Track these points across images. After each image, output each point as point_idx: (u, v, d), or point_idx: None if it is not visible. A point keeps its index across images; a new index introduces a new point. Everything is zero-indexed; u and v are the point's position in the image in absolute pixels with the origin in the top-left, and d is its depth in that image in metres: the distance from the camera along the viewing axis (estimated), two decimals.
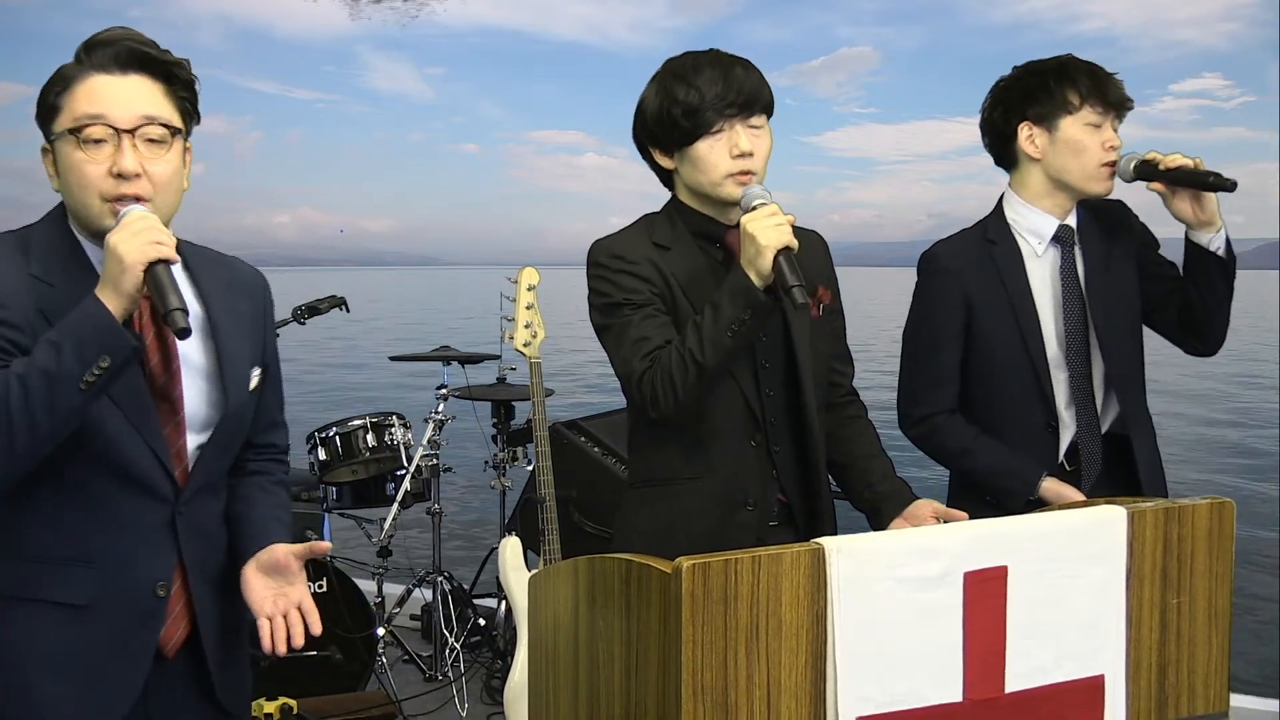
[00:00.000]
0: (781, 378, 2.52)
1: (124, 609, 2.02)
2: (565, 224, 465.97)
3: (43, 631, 1.97)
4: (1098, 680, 2.02)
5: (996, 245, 2.98)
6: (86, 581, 1.99)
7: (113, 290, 1.86)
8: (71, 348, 1.83)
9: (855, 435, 2.64)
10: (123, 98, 1.99)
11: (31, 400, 1.81)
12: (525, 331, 4.08)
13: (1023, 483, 2.90)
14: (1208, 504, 2.12)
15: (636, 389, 2.38)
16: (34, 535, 1.98)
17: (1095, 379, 2.96)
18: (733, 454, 2.49)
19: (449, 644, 5.19)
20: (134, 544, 2.02)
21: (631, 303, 2.42)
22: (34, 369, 1.82)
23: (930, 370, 3.04)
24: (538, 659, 2.16)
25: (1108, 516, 2.03)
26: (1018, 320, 2.93)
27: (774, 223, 2.24)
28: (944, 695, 1.89)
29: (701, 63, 2.43)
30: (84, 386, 1.82)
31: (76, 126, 1.96)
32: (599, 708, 1.95)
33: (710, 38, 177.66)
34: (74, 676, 1.98)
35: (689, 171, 2.47)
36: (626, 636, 1.87)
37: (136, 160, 1.96)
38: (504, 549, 4.31)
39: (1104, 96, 2.89)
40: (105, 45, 2.02)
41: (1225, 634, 2.14)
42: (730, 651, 1.77)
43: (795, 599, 1.81)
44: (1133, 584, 2.04)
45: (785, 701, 1.81)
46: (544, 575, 2.15)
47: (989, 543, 1.93)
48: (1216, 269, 2.85)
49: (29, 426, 1.82)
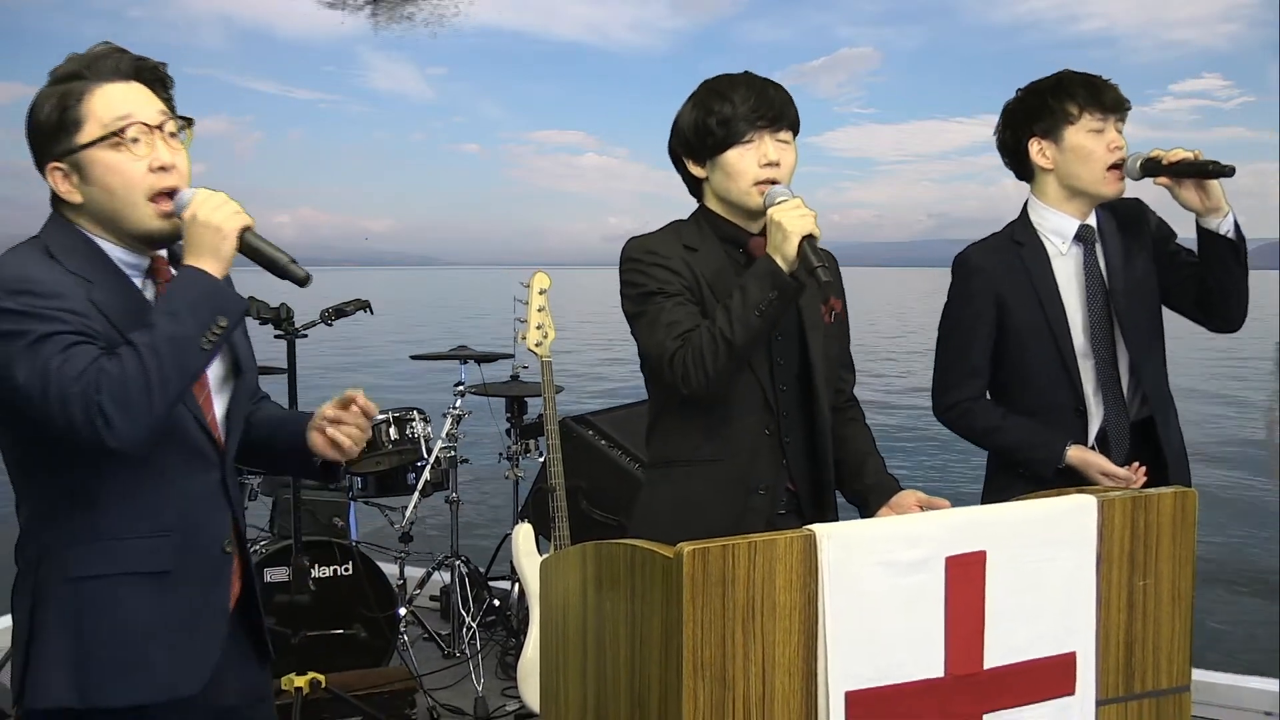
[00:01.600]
0: (795, 374, 2.55)
1: (200, 570, 2.06)
2: (565, 224, 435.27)
3: (140, 600, 1.99)
4: (1070, 657, 2.02)
5: (1024, 246, 3.01)
6: (166, 549, 2.02)
7: (212, 257, 1.92)
8: (190, 313, 1.88)
9: (853, 435, 2.66)
10: (140, 99, 2.01)
11: (165, 365, 1.84)
12: (537, 332, 4.08)
13: (1049, 452, 2.92)
14: (1172, 493, 2.12)
15: (669, 367, 2.40)
16: (114, 515, 1.99)
17: (1121, 366, 2.99)
18: (748, 441, 2.51)
19: (466, 623, 5.19)
20: (198, 509, 2.06)
21: (664, 291, 2.46)
22: (160, 337, 1.85)
23: (964, 361, 3.07)
24: (549, 637, 2.15)
25: (1080, 505, 2.03)
26: (1045, 314, 2.96)
27: (799, 213, 2.31)
28: (927, 671, 1.89)
29: (737, 82, 2.49)
30: (206, 346, 1.89)
31: (114, 130, 1.97)
32: (605, 682, 1.95)
33: (711, 38, 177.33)
34: (174, 640, 2.02)
35: (719, 178, 2.51)
36: (631, 616, 1.87)
37: (169, 152, 2.00)
38: (517, 535, 4.31)
39: (1101, 103, 2.91)
40: (103, 59, 2.02)
41: (1187, 614, 2.14)
42: (728, 631, 1.77)
43: (789, 582, 1.81)
44: (1102, 568, 2.04)
45: (779, 677, 1.82)
46: (554, 559, 2.15)
47: (969, 529, 1.93)
48: (1228, 251, 2.88)
49: (165, 390, 1.85)
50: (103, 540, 1.99)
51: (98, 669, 1.96)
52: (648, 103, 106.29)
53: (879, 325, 19.57)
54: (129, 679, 1.97)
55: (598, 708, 1.98)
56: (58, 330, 1.87)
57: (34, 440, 1.96)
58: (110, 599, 1.98)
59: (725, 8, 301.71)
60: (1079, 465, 2.88)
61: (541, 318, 4.07)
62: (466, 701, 4.63)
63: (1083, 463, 2.88)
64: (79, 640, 1.97)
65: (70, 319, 1.89)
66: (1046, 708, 2.00)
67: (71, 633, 1.97)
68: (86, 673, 1.96)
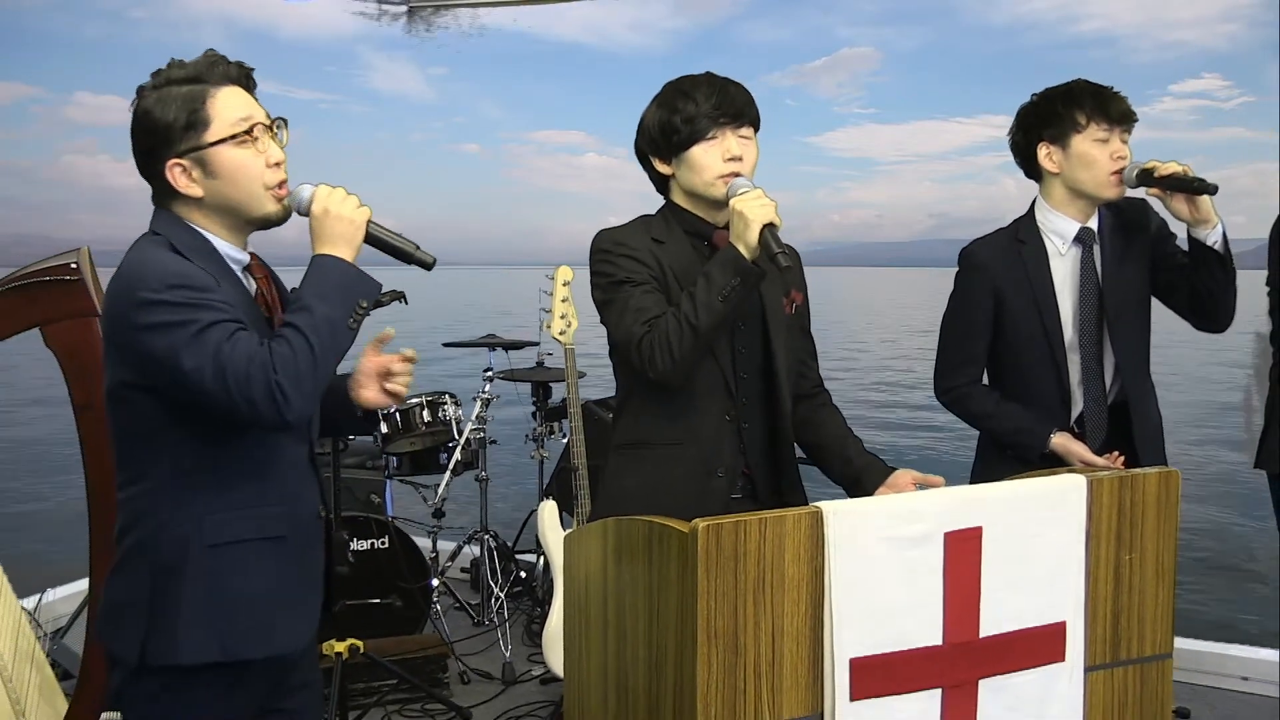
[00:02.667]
0: (757, 363, 2.54)
1: (304, 534, 2.13)
2: (566, 224, 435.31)
3: (265, 564, 2.06)
4: (1060, 626, 2.03)
5: (1026, 245, 3.04)
6: (280, 516, 2.08)
7: (346, 246, 1.99)
8: (337, 297, 1.95)
9: (826, 419, 2.66)
10: (252, 103, 2.08)
11: (324, 344, 1.92)
12: (561, 321, 4.10)
13: (1035, 439, 2.96)
14: (1157, 474, 2.13)
15: (636, 352, 2.39)
16: (230, 489, 2.05)
17: (1105, 360, 3.02)
18: (710, 426, 2.50)
19: (494, 593, 5.21)
20: (297, 479, 2.13)
21: (632, 280, 2.46)
22: (319, 319, 1.93)
23: (962, 349, 3.11)
24: (572, 607, 2.17)
25: (1070, 484, 2.04)
26: (1039, 309, 3.00)
27: (760, 203, 2.30)
28: (926, 639, 1.91)
29: (699, 82, 2.49)
30: (351, 326, 1.97)
31: (241, 129, 2.03)
32: (625, 649, 1.97)
33: (711, 38, 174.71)
34: (291, 599, 2.10)
35: (685, 174, 2.50)
36: (649, 587, 1.89)
37: (278, 150, 2.08)
38: (542, 511, 4.34)
39: (1107, 114, 2.92)
40: (216, 65, 2.07)
41: (1170, 586, 2.15)
42: (740, 601, 1.79)
43: (797, 556, 1.82)
44: (1091, 543, 2.06)
45: (788, 645, 1.83)
46: (577, 534, 2.17)
47: (966, 507, 1.94)
48: (1215, 261, 2.90)
49: (326, 367, 1.94)
50: (236, 510, 2.05)
51: (234, 626, 2.03)
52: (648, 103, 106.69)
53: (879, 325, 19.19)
54: (261, 633, 2.05)
55: (618, 672, 2.00)
56: (220, 319, 1.93)
57: (179, 422, 2.00)
58: (243, 563, 2.05)
59: (726, 8, 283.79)
60: (1061, 452, 2.92)
61: (565, 308, 4.09)
62: (495, 666, 4.65)
63: (1065, 450, 2.92)
64: (219, 601, 2.03)
65: (226, 308, 1.95)
66: (1038, 673, 2.01)
67: (211, 595, 2.02)
68: (227, 630, 2.02)
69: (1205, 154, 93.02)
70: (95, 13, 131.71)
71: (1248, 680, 4.39)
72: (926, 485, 2.40)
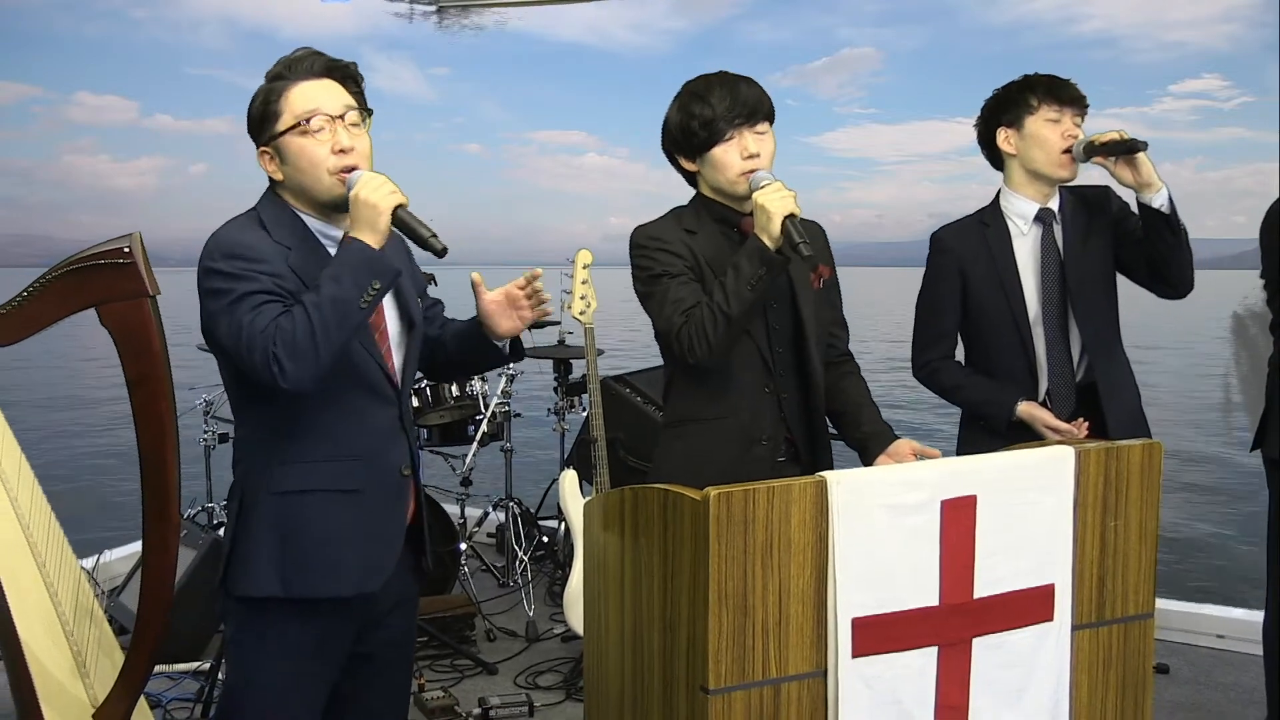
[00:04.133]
0: (789, 337, 2.55)
1: (383, 489, 2.17)
2: (566, 224, 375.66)
3: (335, 513, 2.11)
4: (1049, 588, 2.03)
5: (989, 227, 3.05)
6: (357, 472, 2.13)
7: (369, 230, 2.01)
8: (350, 278, 1.97)
9: (849, 388, 2.66)
10: (327, 95, 2.11)
11: (328, 321, 1.95)
12: (580, 302, 4.09)
13: (1001, 408, 2.97)
14: (1141, 445, 2.12)
15: (675, 340, 2.43)
16: (309, 443, 2.11)
17: (1071, 337, 3.00)
18: (749, 399, 2.52)
19: (519, 557, 5.22)
20: (381, 439, 2.17)
21: (669, 273, 2.47)
22: (325, 298, 1.96)
23: (933, 327, 3.12)
24: (591, 569, 2.18)
25: (1059, 455, 2.04)
26: (1003, 287, 3.00)
27: (780, 195, 2.32)
28: (924, 600, 1.91)
29: (713, 83, 2.49)
30: (363, 305, 1.98)
31: (301, 120, 2.08)
32: (641, 609, 1.97)
33: (712, 39, 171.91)
34: (362, 546, 2.13)
35: (709, 172, 2.51)
36: (663, 552, 1.89)
37: (349, 138, 2.10)
38: (563, 480, 4.34)
39: (1058, 97, 2.93)
40: (300, 61, 2.14)
41: (1152, 550, 2.15)
42: (749, 565, 1.79)
43: (802, 522, 1.82)
44: (1079, 510, 2.05)
45: (794, 606, 1.83)
46: (596, 502, 2.17)
47: (962, 476, 1.94)
48: (1162, 223, 2.88)
49: (328, 341, 1.96)
50: (301, 463, 2.11)
51: (297, 567, 2.10)
52: (649, 103, 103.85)
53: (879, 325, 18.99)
54: (323, 575, 2.10)
55: (634, 630, 2.00)
56: (254, 290, 2.01)
57: (247, 379, 2.07)
58: (306, 511, 2.11)
59: (726, 9, 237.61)
60: (1027, 419, 2.92)
61: (585, 289, 4.08)
62: (519, 625, 4.67)
63: (1030, 417, 2.92)
64: (282, 543, 2.10)
65: (265, 280, 2.02)
66: (1028, 632, 2.01)
67: (277, 536, 2.10)
68: (287, 569, 2.10)
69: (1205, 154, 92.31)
70: (96, 12, 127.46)
71: (1223, 638, 4.40)
72: (925, 456, 2.40)
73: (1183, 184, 5.36)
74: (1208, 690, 3.99)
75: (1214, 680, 4.08)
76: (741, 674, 1.80)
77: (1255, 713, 3.60)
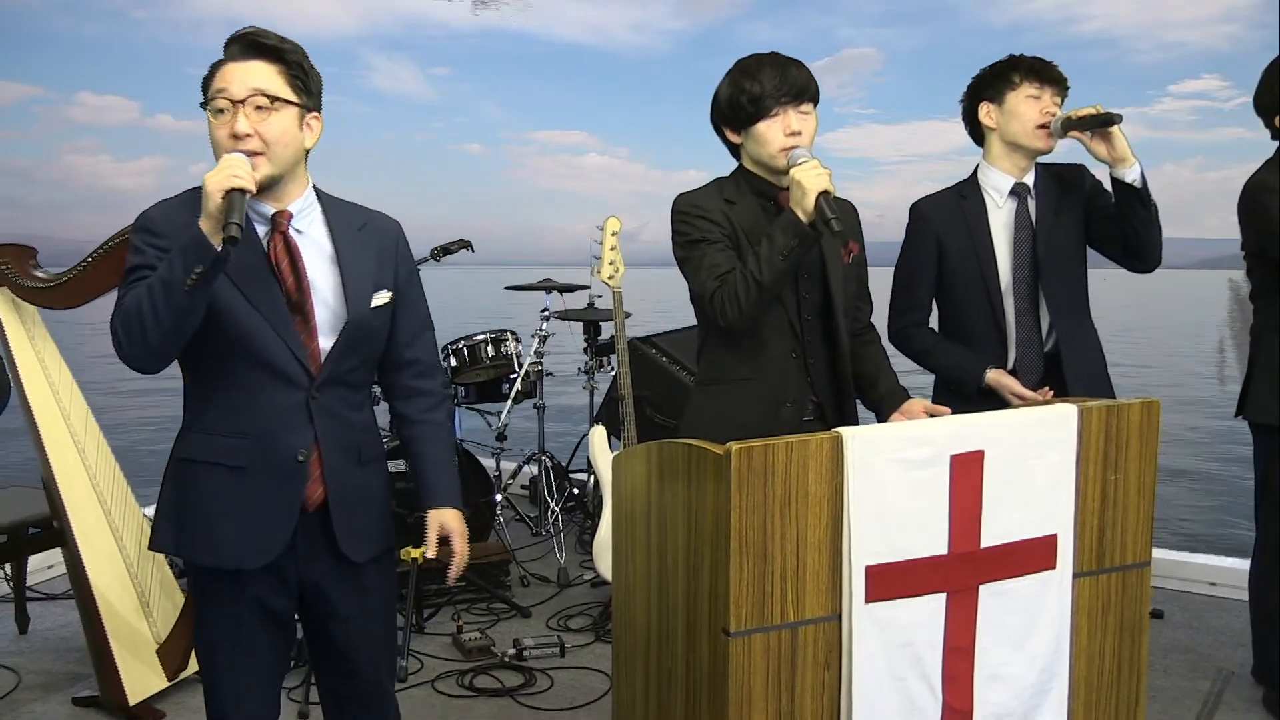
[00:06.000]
0: (818, 307, 2.54)
1: (273, 470, 2.05)
2: (567, 224, 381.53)
3: (218, 486, 2.03)
4: (1052, 538, 2.02)
5: (966, 200, 3.02)
6: (244, 450, 2.03)
7: (204, 213, 1.87)
8: (179, 260, 1.86)
9: (869, 355, 2.65)
10: (240, 77, 1.98)
11: (156, 302, 1.87)
12: (609, 267, 4.08)
13: (970, 375, 2.94)
14: (1140, 403, 2.11)
15: (709, 303, 2.42)
16: (208, 415, 2.05)
17: (1040, 306, 2.97)
18: (778, 363, 2.51)
19: (551, 507, 5.23)
20: (278, 422, 2.05)
21: (707, 239, 2.47)
22: (156, 279, 1.88)
23: (909, 294, 3.09)
24: (619, 520, 2.17)
25: (1063, 412, 2.03)
26: (977, 256, 2.97)
27: (816, 173, 2.31)
28: (933, 549, 1.90)
29: (764, 62, 2.47)
30: (188, 287, 1.85)
31: (208, 100, 2.00)
32: (666, 557, 1.97)
33: (712, 39, 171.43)
34: (240, 521, 2.03)
35: (752, 145, 2.50)
36: (687, 503, 1.88)
37: (247, 123, 1.96)
38: (593, 435, 4.34)
39: (1039, 75, 2.91)
40: (235, 42, 2.03)
41: (1150, 503, 2.14)
42: (768, 515, 1.78)
43: (819, 475, 1.81)
44: (1081, 465, 2.04)
45: (810, 554, 1.82)
46: (624, 456, 2.16)
47: (970, 432, 1.92)
48: (1134, 197, 2.85)
49: (156, 323, 1.87)
50: (198, 434, 2.06)
51: (186, 532, 2.06)
52: (649, 103, 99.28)
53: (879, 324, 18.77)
54: (205, 545, 2.04)
55: (660, 577, 2.00)
56: (139, 264, 1.95)
57: None
58: (196, 480, 2.05)
59: (727, 9, 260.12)
60: (995, 387, 2.90)
61: (614, 255, 4.06)
62: (551, 571, 4.68)
63: (998, 385, 2.90)
64: (177, 508, 2.07)
65: (156, 257, 1.94)
66: (1032, 580, 2.00)
67: (175, 501, 2.07)
68: (179, 533, 2.07)
69: (1205, 154, 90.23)
70: (97, 13, 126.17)
71: (1214, 585, 4.40)
72: (936, 414, 2.39)
73: (1183, 184, 5.13)
74: (1199, 634, 3.97)
75: (1205, 624, 4.07)
76: (761, 618, 1.79)
77: (1243, 654, 3.58)
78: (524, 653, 3.75)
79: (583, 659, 3.79)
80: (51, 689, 3.59)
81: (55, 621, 4.18)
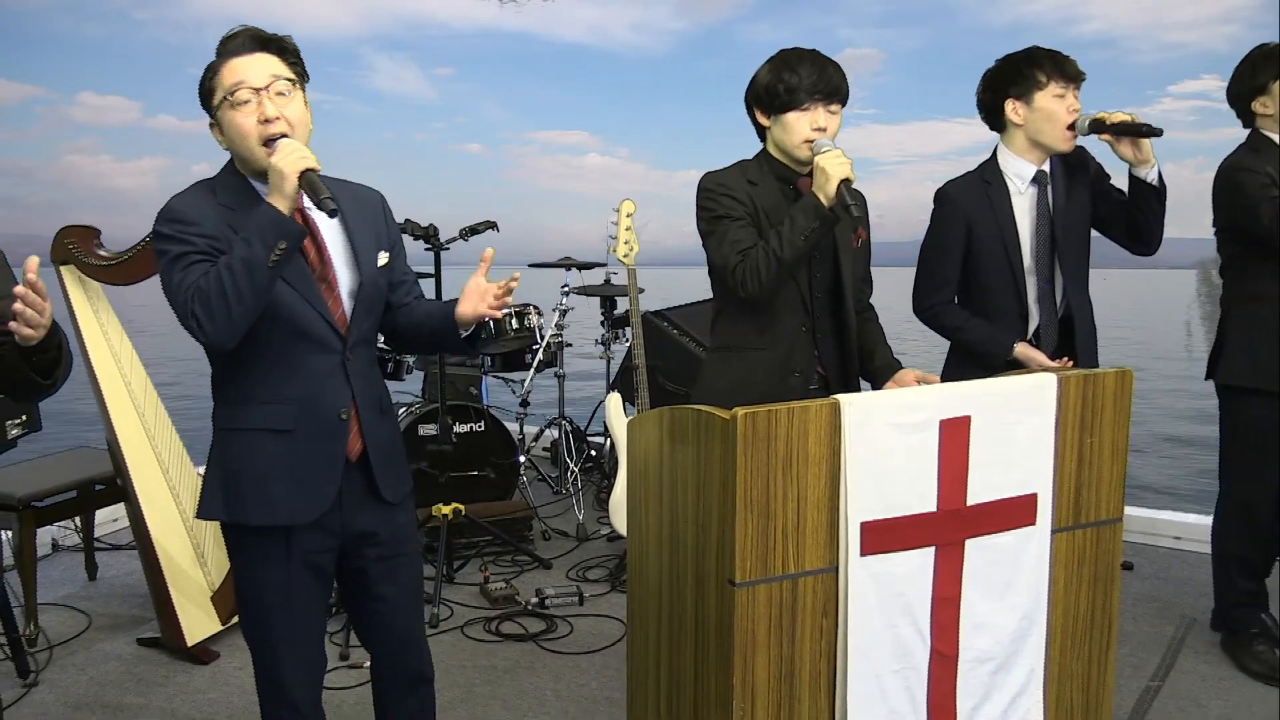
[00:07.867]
0: (828, 285, 2.55)
1: (318, 430, 2.05)
2: (567, 224, 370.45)
3: (268, 449, 2.02)
4: (1033, 496, 2.02)
5: (991, 185, 2.98)
6: (289, 414, 2.03)
7: (279, 195, 1.88)
8: (258, 239, 1.86)
9: (868, 331, 2.65)
10: (254, 68, 1.98)
11: (238, 281, 1.85)
12: (624, 246, 4.06)
13: (1000, 347, 2.93)
14: (1114, 372, 2.10)
15: (731, 275, 2.43)
16: (250, 385, 2.03)
17: (1056, 281, 2.97)
18: (789, 334, 2.52)
19: (570, 468, 5.25)
20: (319, 384, 2.05)
21: (730, 216, 2.47)
22: (236, 258, 1.86)
23: (937, 273, 3.04)
24: (633, 479, 2.17)
25: (1043, 381, 2.02)
26: (1003, 239, 2.95)
27: (838, 161, 2.31)
28: (923, 506, 1.90)
29: (805, 57, 2.46)
30: (271, 264, 1.86)
31: (228, 94, 1.97)
32: (677, 514, 1.97)
33: (713, 40, 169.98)
34: (292, 479, 2.03)
35: (778, 131, 2.50)
36: (697, 464, 1.88)
37: (275, 108, 1.97)
38: (609, 402, 4.34)
39: (1064, 73, 2.86)
40: (233, 38, 2.02)
41: (1122, 464, 2.13)
42: (771, 475, 1.78)
43: (819, 438, 1.81)
44: (1060, 429, 2.03)
45: (810, 511, 1.83)
46: (638, 420, 2.16)
47: (958, 399, 1.92)
48: (1152, 195, 2.86)
49: (240, 299, 1.86)
50: (241, 404, 2.04)
51: (237, 496, 2.03)
52: (650, 103, 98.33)
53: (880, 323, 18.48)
54: (258, 505, 2.03)
55: (671, 533, 2.00)
56: (185, 251, 1.92)
57: None
58: (244, 446, 2.03)
59: (727, 9, 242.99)
60: (1022, 358, 2.89)
61: (629, 235, 4.05)
62: (570, 526, 4.70)
63: (1026, 357, 2.89)
64: (225, 474, 2.05)
65: (199, 241, 1.92)
66: (1014, 535, 2.00)
67: (223, 469, 2.05)
68: (230, 498, 2.04)
69: (1205, 154, 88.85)
70: (99, 13, 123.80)
71: (1179, 539, 4.41)
72: (926, 383, 2.40)
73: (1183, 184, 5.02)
74: (1166, 585, 3.98)
75: (1171, 576, 4.08)
76: (764, 569, 1.80)
77: (1205, 603, 3.59)
78: (546, 601, 3.77)
79: (600, 607, 3.81)
80: (118, 630, 3.64)
81: (121, 570, 4.22)
